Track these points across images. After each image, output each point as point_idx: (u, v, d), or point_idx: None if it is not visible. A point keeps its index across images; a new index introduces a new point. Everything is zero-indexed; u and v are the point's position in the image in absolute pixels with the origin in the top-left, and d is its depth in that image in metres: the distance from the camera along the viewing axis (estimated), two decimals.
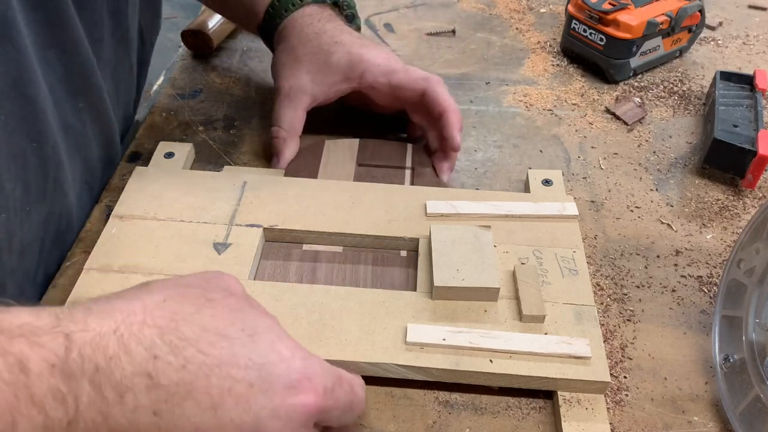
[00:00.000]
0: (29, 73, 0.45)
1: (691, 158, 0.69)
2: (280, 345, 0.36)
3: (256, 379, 0.34)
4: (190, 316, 0.35)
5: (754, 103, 0.69)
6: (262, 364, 0.34)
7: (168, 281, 0.38)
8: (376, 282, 0.53)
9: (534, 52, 0.84)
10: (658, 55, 0.80)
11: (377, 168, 0.63)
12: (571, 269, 0.53)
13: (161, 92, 0.75)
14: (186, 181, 0.59)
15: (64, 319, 0.32)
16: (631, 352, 0.51)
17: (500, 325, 0.49)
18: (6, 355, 0.30)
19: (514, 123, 0.73)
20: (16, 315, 0.32)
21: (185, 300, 0.36)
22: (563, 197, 0.59)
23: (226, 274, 0.40)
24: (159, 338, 0.33)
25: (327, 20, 0.64)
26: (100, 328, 0.32)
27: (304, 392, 0.35)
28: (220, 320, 0.35)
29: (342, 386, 0.38)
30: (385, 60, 0.62)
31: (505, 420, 0.46)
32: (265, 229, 0.55)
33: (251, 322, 0.36)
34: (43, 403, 0.30)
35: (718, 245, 0.60)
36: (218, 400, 0.33)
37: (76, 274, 0.51)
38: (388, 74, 0.61)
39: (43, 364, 0.30)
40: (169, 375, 0.32)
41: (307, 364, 0.36)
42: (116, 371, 0.32)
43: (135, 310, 0.34)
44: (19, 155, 0.46)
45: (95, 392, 0.31)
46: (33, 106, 0.47)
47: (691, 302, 0.55)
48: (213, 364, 0.33)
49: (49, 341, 0.31)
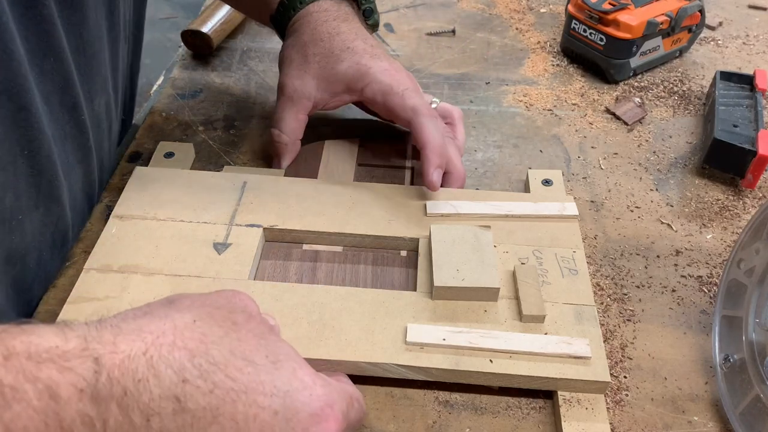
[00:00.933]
0: (22, 80, 0.44)
1: (691, 158, 0.69)
2: (302, 373, 0.36)
3: (281, 407, 0.34)
4: (219, 339, 0.35)
5: (754, 103, 0.69)
6: (287, 392, 0.35)
7: (194, 299, 0.37)
8: (376, 282, 0.53)
9: (534, 52, 0.84)
10: (658, 55, 0.80)
11: (377, 168, 0.63)
12: (571, 269, 0.53)
13: (161, 92, 0.75)
14: (186, 181, 0.59)
15: (92, 341, 0.32)
16: (631, 352, 0.51)
17: (500, 325, 0.49)
18: (35, 381, 0.30)
19: (514, 123, 0.73)
20: (44, 337, 0.31)
21: (213, 321, 0.36)
22: (563, 197, 0.59)
23: (241, 293, 0.40)
24: (189, 361, 0.33)
25: (343, 19, 0.62)
26: (130, 350, 0.32)
27: (326, 420, 0.35)
28: (246, 345, 0.35)
29: (353, 406, 0.39)
30: (388, 77, 0.60)
31: (505, 420, 0.46)
32: (265, 229, 0.55)
33: (274, 348, 0.36)
34: (71, 428, 0.30)
35: (718, 245, 0.60)
36: (243, 426, 0.33)
37: (76, 274, 0.51)
38: (385, 94, 0.59)
39: (72, 390, 0.30)
40: (196, 399, 0.32)
41: (327, 391, 0.36)
42: (144, 394, 0.31)
43: (165, 330, 0.34)
44: (9, 162, 0.46)
45: (123, 416, 0.31)
46: (26, 113, 0.45)
47: (691, 302, 0.55)
48: (240, 390, 0.33)
49: (78, 365, 0.31)
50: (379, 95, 0.59)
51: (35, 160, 0.48)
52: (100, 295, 0.49)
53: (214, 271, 0.51)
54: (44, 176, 0.49)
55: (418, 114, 0.57)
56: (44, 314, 0.51)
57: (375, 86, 0.59)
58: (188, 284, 0.50)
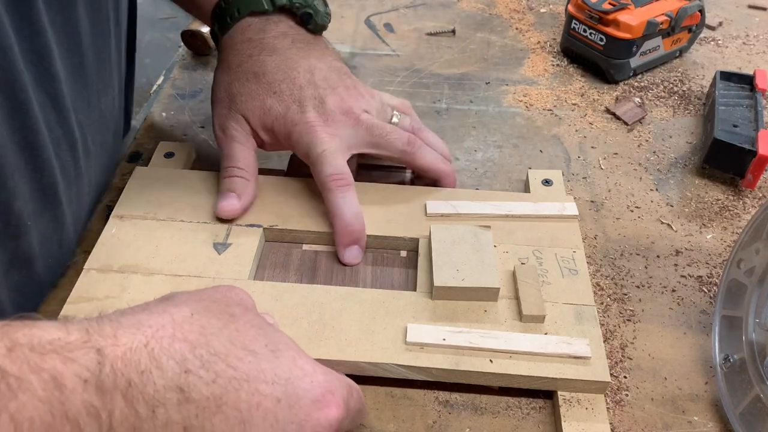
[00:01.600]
0: (17, 75, 0.43)
1: (691, 158, 0.69)
2: (301, 361, 0.36)
3: (283, 394, 0.34)
4: (218, 331, 0.35)
5: (754, 103, 0.69)
6: (288, 379, 0.35)
7: (190, 295, 0.38)
8: (375, 282, 0.53)
9: (534, 52, 0.84)
10: (658, 55, 0.80)
11: (377, 168, 0.63)
12: (571, 269, 0.53)
13: (161, 92, 0.75)
14: (186, 181, 0.59)
15: (94, 334, 0.32)
16: (631, 352, 0.51)
17: (500, 325, 0.49)
18: (40, 371, 0.29)
19: (514, 123, 0.73)
20: (46, 330, 0.31)
21: (211, 314, 0.36)
22: (563, 197, 0.59)
23: (237, 288, 0.40)
24: (190, 352, 0.33)
25: (271, 50, 0.56)
26: (131, 342, 0.32)
27: (328, 406, 0.36)
28: (245, 335, 0.35)
29: (353, 395, 0.39)
30: (307, 137, 0.54)
31: (505, 420, 0.46)
32: (265, 229, 0.55)
33: (273, 338, 0.37)
34: (77, 419, 0.30)
35: (718, 245, 0.60)
36: (247, 415, 0.33)
37: (76, 274, 0.51)
38: (306, 157, 0.55)
39: (77, 380, 0.30)
40: (200, 389, 0.32)
41: (328, 379, 0.37)
42: (148, 386, 0.31)
43: (164, 324, 0.34)
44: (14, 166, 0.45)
45: (128, 407, 0.31)
46: (23, 114, 0.44)
47: (691, 302, 0.55)
48: (242, 379, 0.33)
49: (82, 356, 0.31)
50: (303, 157, 0.56)
51: (36, 164, 0.47)
52: (100, 295, 0.49)
53: (214, 271, 0.51)
54: (45, 179, 0.49)
55: (325, 189, 0.54)
56: (44, 314, 0.51)
57: (298, 148, 0.55)
58: (188, 284, 0.50)
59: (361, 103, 0.57)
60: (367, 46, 0.85)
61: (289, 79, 0.55)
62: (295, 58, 0.56)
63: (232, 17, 0.57)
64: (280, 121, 0.55)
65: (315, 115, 0.54)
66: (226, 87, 0.57)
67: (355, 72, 0.79)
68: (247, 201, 0.55)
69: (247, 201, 0.55)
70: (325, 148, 0.54)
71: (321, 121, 0.54)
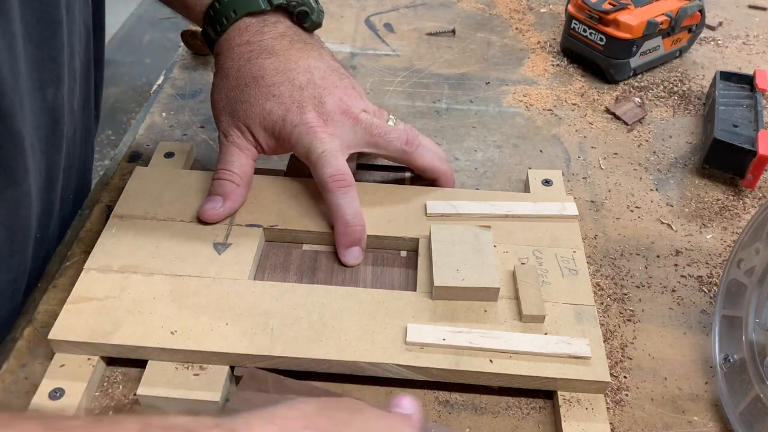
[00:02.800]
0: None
1: (691, 158, 0.69)
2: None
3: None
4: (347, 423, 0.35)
5: (754, 103, 0.69)
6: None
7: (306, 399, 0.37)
8: (376, 282, 0.53)
9: (534, 52, 0.85)
10: (658, 55, 0.80)
11: (377, 168, 0.63)
12: (571, 269, 0.53)
13: (161, 92, 0.75)
14: (186, 181, 0.59)
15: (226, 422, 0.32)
16: (631, 352, 0.51)
17: (500, 325, 0.49)
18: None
19: (514, 123, 0.73)
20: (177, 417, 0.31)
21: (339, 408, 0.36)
22: (563, 197, 0.59)
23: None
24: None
25: (269, 52, 0.55)
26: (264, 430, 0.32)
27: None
28: (374, 425, 0.36)
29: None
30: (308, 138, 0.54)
31: (505, 420, 0.46)
32: (265, 229, 0.55)
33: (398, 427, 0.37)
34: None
35: (718, 245, 0.60)
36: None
37: (76, 274, 0.51)
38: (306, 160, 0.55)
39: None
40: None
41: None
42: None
43: (294, 416, 0.34)
44: None
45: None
46: None
47: (691, 302, 0.55)
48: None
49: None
50: (304, 158, 0.56)
51: None
52: (100, 295, 0.49)
53: (214, 271, 0.51)
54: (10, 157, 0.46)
55: (325, 190, 0.54)
56: (44, 314, 0.51)
57: (298, 149, 0.55)
58: (188, 284, 0.50)
59: (360, 102, 0.57)
60: (367, 46, 0.85)
61: (289, 80, 0.55)
62: (294, 59, 0.56)
63: (228, 18, 0.57)
64: (279, 123, 0.55)
65: (314, 116, 0.54)
66: (226, 94, 0.56)
67: (355, 72, 0.79)
68: (232, 206, 0.55)
69: (231, 206, 0.55)
70: (326, 149, 0.54)
71: (321, 122, 0.54)
